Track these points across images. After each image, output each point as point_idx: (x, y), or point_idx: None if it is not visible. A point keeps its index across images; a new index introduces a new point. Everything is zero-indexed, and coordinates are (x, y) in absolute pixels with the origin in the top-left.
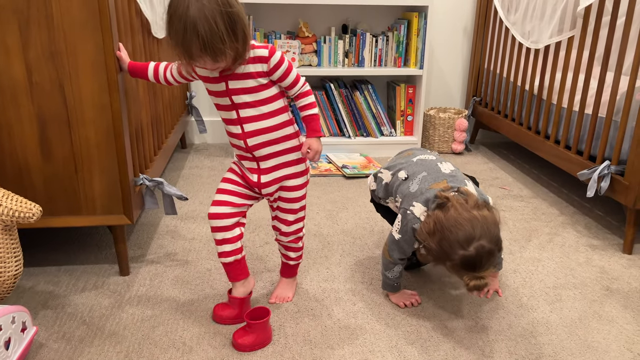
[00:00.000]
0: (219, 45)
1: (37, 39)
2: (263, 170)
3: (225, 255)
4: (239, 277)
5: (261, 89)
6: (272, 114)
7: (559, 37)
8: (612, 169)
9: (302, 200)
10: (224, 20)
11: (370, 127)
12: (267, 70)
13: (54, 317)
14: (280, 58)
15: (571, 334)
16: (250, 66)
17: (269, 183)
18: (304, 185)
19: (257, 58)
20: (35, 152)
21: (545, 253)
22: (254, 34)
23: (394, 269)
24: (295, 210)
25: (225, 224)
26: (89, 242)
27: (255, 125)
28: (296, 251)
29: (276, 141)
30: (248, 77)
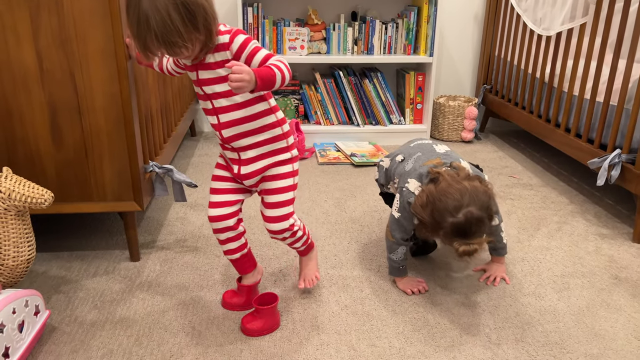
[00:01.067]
0: (175, 39)
1: (48, 26)
2: (243, 162)
3: (231, 253)
4: (247, 270)
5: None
6: (247, 103)
7: (571, 24)
8: (623, 158)
9: (288, 192)
10: (179, 11)
11: (379, 115)
12: (232, 57)
13: (66, 302)
14: (243, 42)
15: (578, 322)
16: (217, 54)
17: (250, 175)
18: (289, 175)
19: (219, 46)
20: (46, 139)
21: (553, 242)
22: (263, 21)
23: (397, 250)
24: (281, 204)
25: (227, 225)
26: (100, 229)
27: (230, 115)
28: (299, 240)
29: (255, 132)
30: (217, 66)
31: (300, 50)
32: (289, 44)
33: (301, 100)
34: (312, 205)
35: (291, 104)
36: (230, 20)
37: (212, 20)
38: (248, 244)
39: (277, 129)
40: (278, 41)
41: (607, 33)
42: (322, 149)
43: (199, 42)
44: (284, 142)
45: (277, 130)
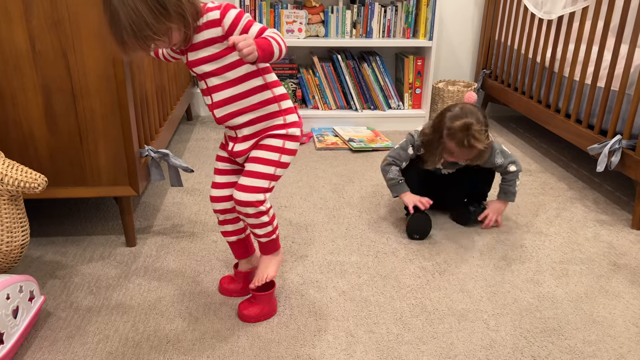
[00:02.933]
0: (147, 33)
1: (40, 6)
2: (239, 139)
3: (228, 235)
4: (244, 255)
5: (224, 53)
6: (239, 79)
7: (573, 8)
8: (623, 144)
9: (270, 166)
10: (147, 3)
11: (378, 100)
12: (224, 33)
13: (61, 287)
14: (236, 16)
15: (577, 308)
16: (205, 32)
17: (241, 152)
18: (277, 150)
19: (209, 22)
20: (40, 123)
21: (552, 228)
22: (260, 3)
23: (391, 169)
24: (258, 174)
25: (226, 207)
26: (95, 214)
27: (223, 94)
28: (261, 227)
29: (248, 109)
30: (206, 44)
31: (298, 33)
32: (287, 26)
33: (299, 85)
34: (309, 190)
35: (289, 88)
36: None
37: (188, 5)
38: (247, 230)
39: (273, 105)
40: (275, 24)
41: (609, 17)
42: (320, 134)
43: (177, 31)
44: (280, 119)
45: (274, 107)
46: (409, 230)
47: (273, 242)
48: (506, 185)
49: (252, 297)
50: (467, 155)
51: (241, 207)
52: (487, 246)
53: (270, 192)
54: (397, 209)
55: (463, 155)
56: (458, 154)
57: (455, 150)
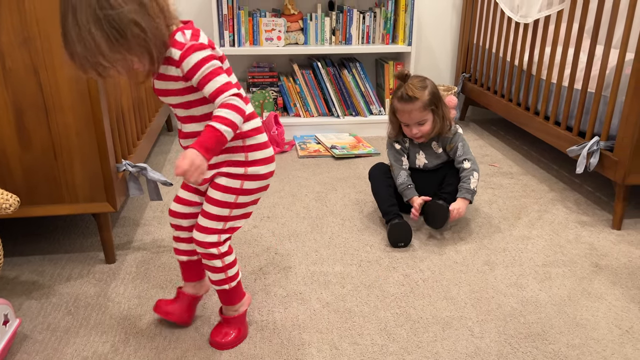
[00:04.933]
0: (97, 59)
1: (9, 23)
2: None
3: (178, 253)
4: (191, 278)
5: (185, 92)
6: (206, 116)
7: (548, 11)
8: (601, 145)
9: (224, 208)
10: (101, 28)
11: (359, 106)
12: (183, 75)
13: (38, 308)
14: (196, 64)
15: (560, 311)
16: (166, 67)
17: (204, 181)
18: (233, 191)
19: (169, 59)
20: (12, 141)
21: (534, 230)
22: (238, 12)
23: (400, 173)
24: (211, 216)
25: (181, 224)
26: (73, 230)
27: (189, 127)
28: (214, 272)
29: None
30: (169, 78)
31: (277, 42)
32: (266, 35)
33: (280, 93)
34: (292, 199)
35: (269, 97)
36: (205, 12)
37: (153, 36)
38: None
39: (238, 140)
40: (254, 32)
41: (584, 19)
42: (302, 141)
43: (139, 63)
44: (241, 155)
45: (236, 142)
46: (392, 239)
47: (227, 293)
48: (462, 183)
49: (224, 321)
50: (410, 115)
51: (197, 246)
52: (470, 251)
53: (227, 233)
54: (380, 217)
55: (406, 113)
56: (402, 113)
57: (399, 107)
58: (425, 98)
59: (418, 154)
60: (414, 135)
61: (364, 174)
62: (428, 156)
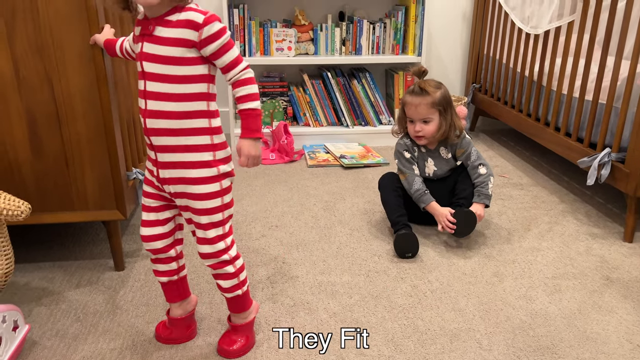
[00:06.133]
0: None
1: (23, 32)
2: (160, 164)
3: (159, 275)
4: (174, 299)
5: (183, 62)
6: (185, 97)
7: (558, 22)
8: (612, 157)
9: (217, 213)
10: None
11: (369, 116)
12: (198, 40)
13: (47, 314)
14: (218, 31)
15: (570, 325)
16: (178, 30)
17: (168, 180)
18: (216, 195)
19: (188, 22)
20: (25, 148)
21: (544, 242)
22: (249, 22)
23: (414, 179)
24: (210, 225)
25: (156, 246)
26: (84, 237)
27: (159, 105)
28: (227, 279)
29: (180, 132)
30: (169, 42)
31: (288, 52)
32: (276, 45)
33: (289, 102)
34: (301, 209)
35: (279, 106)
36: None
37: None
38: (182, 272)
39: (206, 137)
40: (265, 42)
41: (595, 30)
42: (312, 151)
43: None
44: (209, 154)
45: (205, 139)
46: (400, 250)
47: (239, 299)
48: (479, 188)
49: (232, 329)
50: (417, 109)
51: (204, 259)
52: (479, 262)
53: (230, 236)
54: (389, 227)
55: (414, 106)
56: (409, 105)
57: (408, 99)
58: (436, 96)
59: (427, 162)
60: (416, 133)
61: (372, 183)
62: (437, 163)
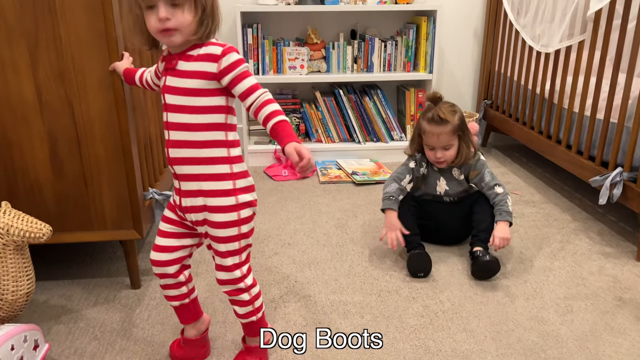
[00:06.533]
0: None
1: (46, 59)
2: (183, 193)
3: (170, 300)
4: (187, 321)
5: (202, 94)
6: (203, 127)
7: (569, 42)
8: (624, 176)
9: (233, 242)
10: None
11: (380, 132)
12: (218, 71)
13: (66, 332)
14: (236, 61)
15: (581, 347)
16: (199, 64)
17: (190, 209)
18: (233, 224)
19: (207, 55)
20: (46, 170)
21: (556, 262)
22: (263, 42)
23: (391, 184)
24: (226, 254)
25: (166, 271)
26: (101, 255)
27: (181, 135)
28: (242, 306)
29: (200, 161)
30: (190, 75)
31: (300, 70)
32: (289, 63)
33: (302, 119)
34: (313, 226)
35: (292, 123)
36: (231, 42)
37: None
38: (192, 294)
39: (225, 166)
40: (278, 61)
41: (605, 50)
42: (324, 167)
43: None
44: (229, 183)
45: (225, 168)
46: (412, 269)
47: (254, 324)
48: (499, 207)
49: (246, 350)
50: (439, 137)
51: (220, 285)
52: (491, 282)
53: (246, 264)
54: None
55: (435, 135)
56: (430, 136)
57: (427, 128)
58: (456, 122)
59: (439, 180)
60: (437, 159)
61: None
62: (449, 182)
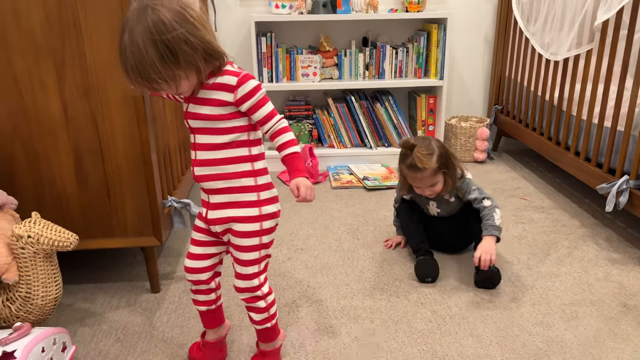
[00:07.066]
0: (151, 75)
1: (71, 77)
2: (211, 205)
3: (198, 304)
4: (211, 326)
5: (222, 117)
6: (228, 145)
7: (577, 51)
8: (630, 184)
9: (253, 252)
10: (157, 47)
11: (392, 138)
12: (234, 100)
13: (90, 335)
14: (252, 89)
15: (585, 353)
16: (214, 92)
17: (215, 221)
18: (255, 234)
19: (223, 85)
20: (71, 181)
21: (563, 268)
22: (276, 50)
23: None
24: (246, 262)
25: (200, 278)
26: (122, 260)
27: (207, 154)
28: (258, 312)
29: (226, 176)
30: (209, 103)
31: (313, 77)
32: (302, 71)
33: (315, 125)
34: (325, 232)
35: (305, 129)
36: (245, 51)
37: (203, 56)
38: (219, 301)
39: (250, 179)
40: (291, 68)
41: (612, 59)
42: (336, 172)
43: (186, 80)
44: (253, 195)
45: (249, 181)
46: (420, 275)
47: (268, 330)
48: (485, 221)
49: (260, 354)
50: (421, 181)
51: (238, 293)
52: (498, 288)
53: (264, 274)
54: (410, 251)
55: (417, 179)
56: (413, 179)
57: (408, 174)
58: (434, 165)
59: (429, 205)
60: (426, 194)
61: None
62: (440, 205)
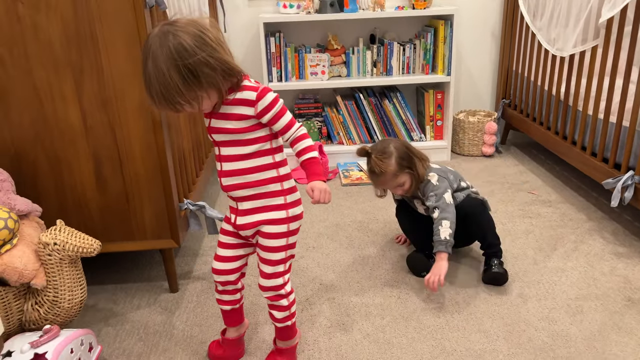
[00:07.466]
0: (176, 98)
1: (90, 87)
2: (240, 212)
3: (223, 304)
4: (234, 324)
5: (245, 130)
6: (252, 155)
7: (582, 47)
8: (636, 179)
9: (280, 252)
10: (179, 71)
11: (400, 133)
12: (255, 113)
13: (114, 334)
14: (271, 102)
15: (589, 346)
16: (235, 107)
17: (245, 226)
18: (282, 235)
19: (243, 101)
20: (92, 187)
21: (569, 262)
22: (285, 49)
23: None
24: (272, 262)
25: (228, 279)
26: (142, 261)
27: (232, 165)
28: (281, 310)
29: (254, 184)
30: (231, 117)
31: (322, 75)
32: (311, 69)
33: (324, 122)
34: (336, 229)
35: (314, 127)
36: (254, 51)
37: (222, 76)
38: (242, 300)
39: (277, 184)
40: (300, 67)
41: (617, 56)
42: (345, 169)
43: (207, 99)
44: (280, 198)
45: (276, 186)
46: (415, 271)
47: (288, 328)
48: (433, 236)
49: (277, 351)
50: (385, 183)
51: (263, 291)
52: (506, 283)
53: (288, 273)
54: None
55: (380, 183)
56: (377, 183)
57: (372, 178)
58: (393, 168)
59: (415, 204)
60: (398, 194)
61: None
62: (422, 203)
